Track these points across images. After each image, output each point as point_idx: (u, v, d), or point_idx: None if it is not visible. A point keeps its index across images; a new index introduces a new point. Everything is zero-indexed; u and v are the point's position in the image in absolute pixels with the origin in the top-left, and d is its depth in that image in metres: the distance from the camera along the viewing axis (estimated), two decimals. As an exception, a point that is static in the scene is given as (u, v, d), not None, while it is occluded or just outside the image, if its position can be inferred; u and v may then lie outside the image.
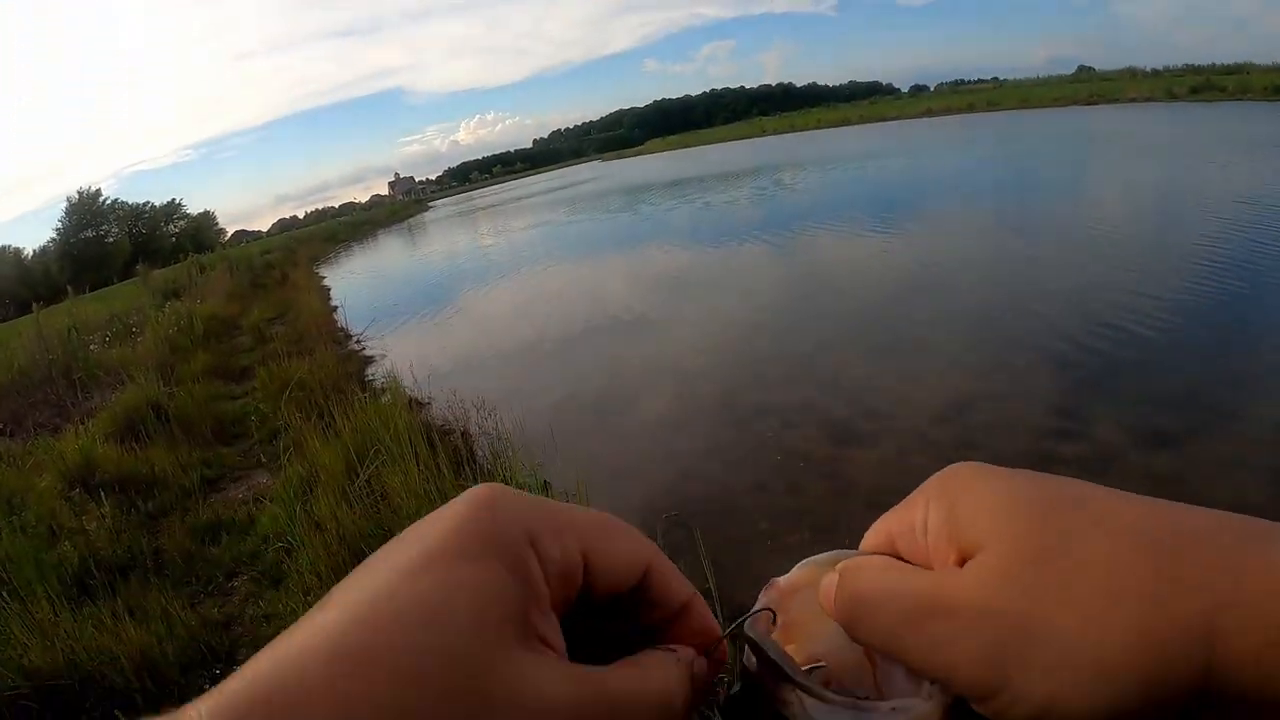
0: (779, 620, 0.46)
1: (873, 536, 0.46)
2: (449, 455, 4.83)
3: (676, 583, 0.43)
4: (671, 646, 0.41)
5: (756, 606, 0.46)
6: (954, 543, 0.40)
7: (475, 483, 2.80)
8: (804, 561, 0.47)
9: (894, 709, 0.40)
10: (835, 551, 0.47)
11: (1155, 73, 70.06)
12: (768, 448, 5.58)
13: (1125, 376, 5.74)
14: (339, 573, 2.90)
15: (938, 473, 0.44)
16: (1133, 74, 74.16)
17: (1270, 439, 4.54)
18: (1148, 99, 45.08)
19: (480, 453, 5.64)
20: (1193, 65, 68.68)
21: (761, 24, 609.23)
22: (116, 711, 3.50)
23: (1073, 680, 0.34)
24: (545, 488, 4.78)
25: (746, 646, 0.44)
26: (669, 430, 6.35)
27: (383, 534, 4.04)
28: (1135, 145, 21.65)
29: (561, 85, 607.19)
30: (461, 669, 0.31)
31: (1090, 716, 0.34)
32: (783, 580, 0.47)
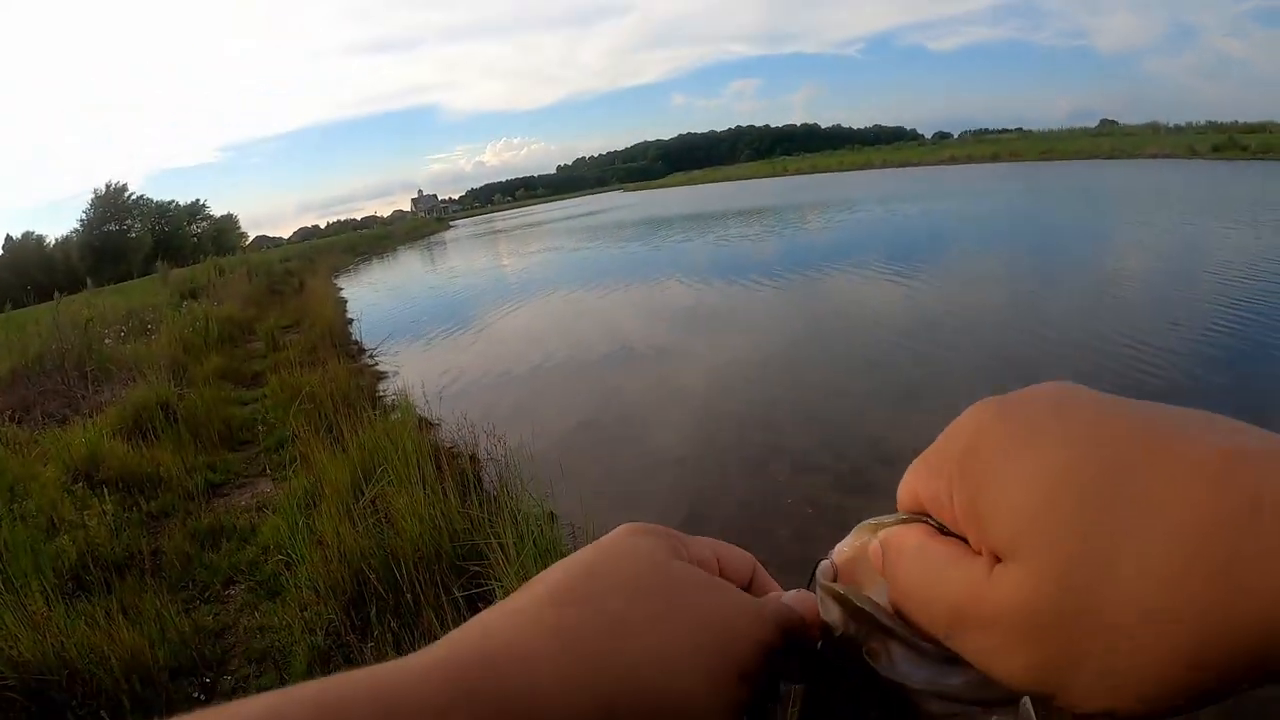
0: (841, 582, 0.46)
1: (905, 493, 0.44)
2: (456, 479, 4.80)
3: (771, 583, 0.53)
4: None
5: (819, 567, 0.47)
6: (984, 537, 0.36)
7: (481, 510, 2.78)
8: (858, 526, 0.47)
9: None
10: (880, 518, 0.46)
11: (1178, 129, 70.26)
12: (776, 491, 5.54)
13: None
14: (337, 591, 2.87)
15: (959, 426, 0.40)
16: (1155, 129, 74.37)
17: None
18: (1169, 155, 45.11)
19: (487, 478, 5.62)
20: (1214, 122, 68.79)
21: (790, 64, 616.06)
22: (102, 712, 3.47)
23: (1134, 694, 0.32)
24: (551, 518, 4.75)
25: (825, 601, 0.45)
26: (677, 467, 6.31)
27: (384, 555, 4.02)
28: (1149, 201, 21.63)
29: (589, 113, 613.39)
30: (651, 564, 0.46)
31: (1154, 715, 0.32)
32: (837, 550, 0.48)
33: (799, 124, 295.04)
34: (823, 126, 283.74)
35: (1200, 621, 0.29)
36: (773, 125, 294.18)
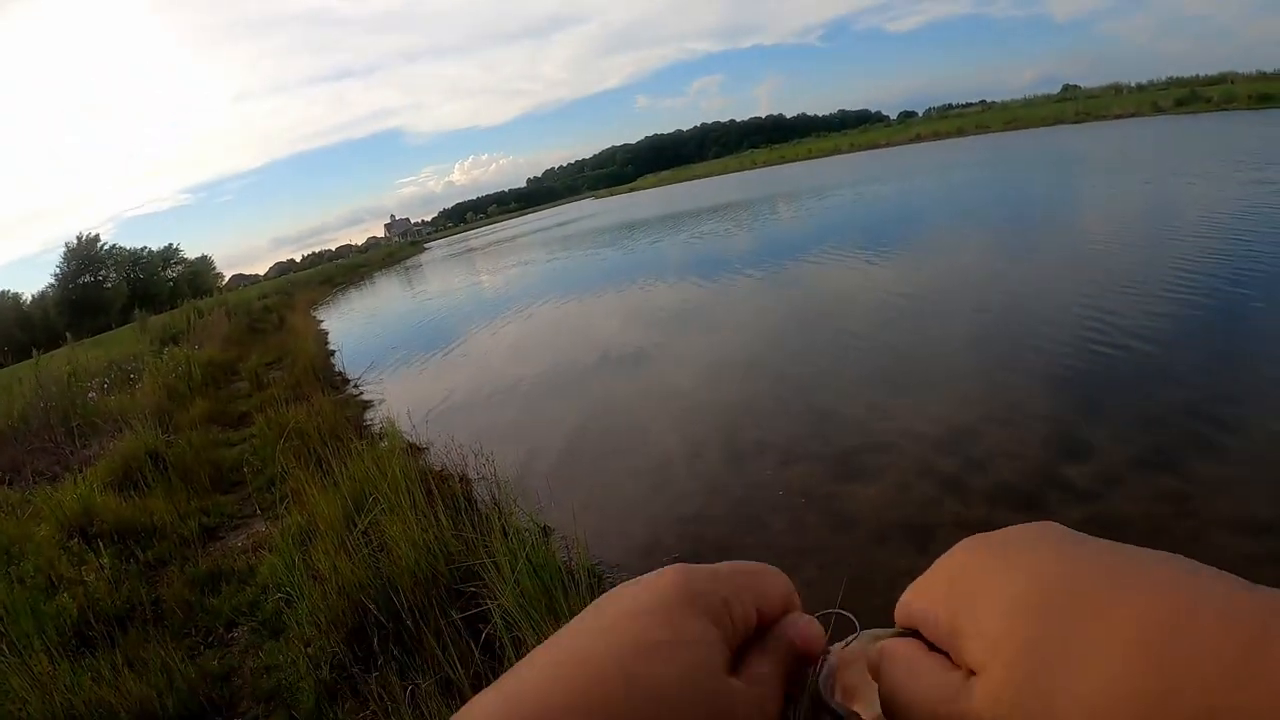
0: (839, 684, 0.53)
1: (901, 612, 0.51)
2: (447, 502, 4.84)
3: (797, 603, 0.54)
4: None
5: (823, 667, 0.53)
6: (961, 653, 0.43)
7: (474, 531, 2.82)
8: (859, 634, 0.54)
9: None
10: (878, 630, 0.53)
11: (1140, 87, 70.42)
12: (767, 485, 5.60)
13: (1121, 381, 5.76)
14: (338, 624, 2.91)
15: (947, 558, 0.48)
16: (1117, 90, 74.54)
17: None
18: (1134, 114, 45.47)
19: (478, 497, 5.65)
20: (1176, 78, 68.97)
21: (751, 57, 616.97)
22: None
23: None
24: (545, 533, 4.79)
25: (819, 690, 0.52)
26: (668, 469, 6.36)
27: (382, 584, 4.05)
28: (1115, 162, 21.74)
29: (554, 124, 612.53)
30: (698, 690, 0.42)
31: None
32: (836, 650, 0.54)
33: (764, 116, 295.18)
34: (788, 116, 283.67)
35: (1139, 714, 0.35)
36: (738, 120, 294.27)
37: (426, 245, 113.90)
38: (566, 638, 0.45)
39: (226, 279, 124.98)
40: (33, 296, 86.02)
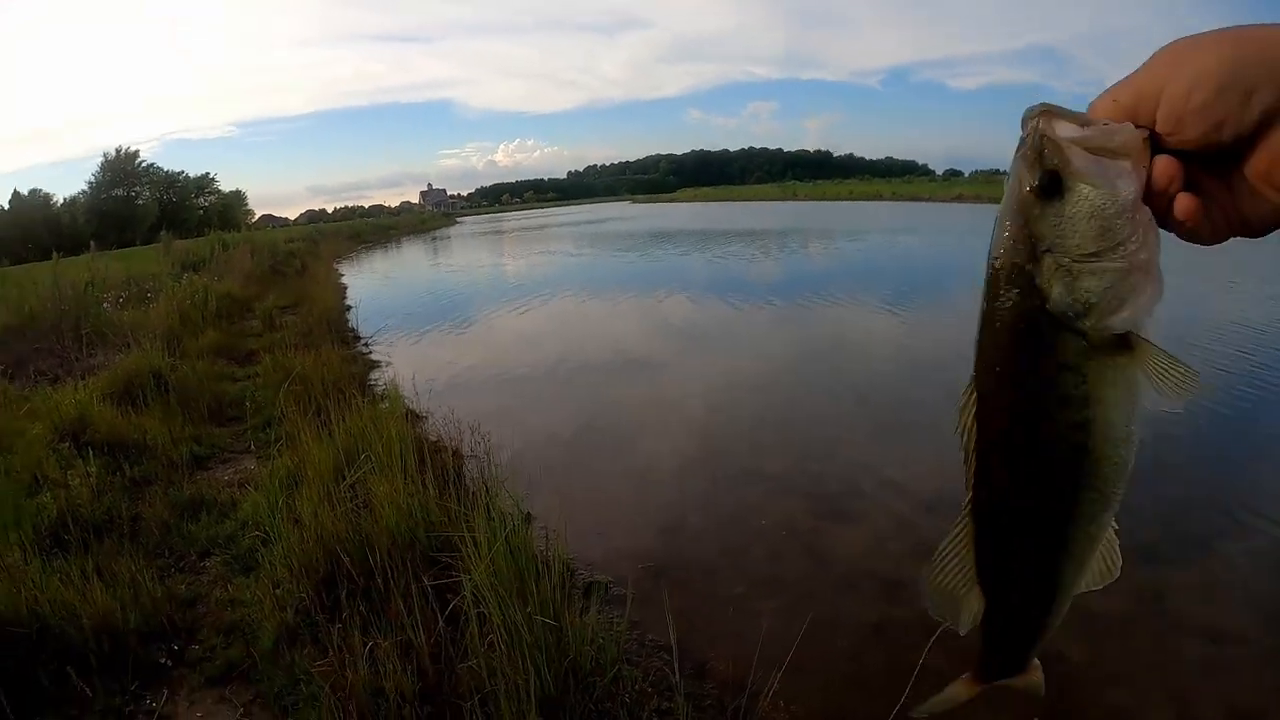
0: None
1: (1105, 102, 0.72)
2: (437, 472, 4.86)
3: None
4: None
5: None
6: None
7: (458, 505, 2.85)
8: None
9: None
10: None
11: None
12: (754, 512, 5.62)
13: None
14: (310, 571, 2.95)
15: (1161, 53, 0.69)
16: None
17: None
18: None
19: (468, 474, 5.68)
20: None
21: (808, 89, 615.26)
22: (69, 668, 3.53)
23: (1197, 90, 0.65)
24: (528, 519, 4.82)
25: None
26: (657, 480, 6.40)
27: (360, 539, 4.08)
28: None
29: (604, 122, 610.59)
30: None
31: (1209, 109, 0.65)
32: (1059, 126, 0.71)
33: (812, 149, 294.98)
34: (835, 154, 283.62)
35: (1230, 61, 0.64)
36: (786, 149, 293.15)
37: (458, 219, 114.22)
38: None
39: (256, 217, 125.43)
40: (64, 200, 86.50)
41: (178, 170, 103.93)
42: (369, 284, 24.77)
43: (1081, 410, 0.74)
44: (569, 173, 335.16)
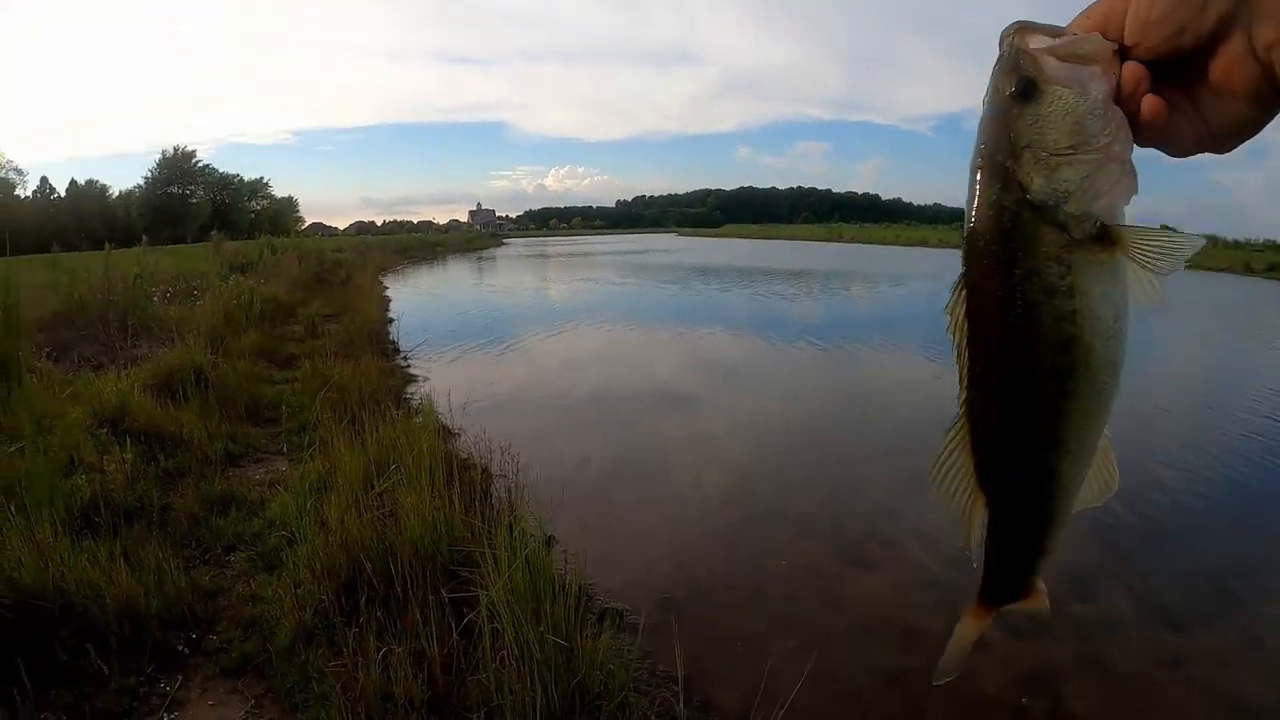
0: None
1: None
2: (464, 489, 4.92)
3: None
4: None
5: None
6: None
7: (483, 521, 2.90)
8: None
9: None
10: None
11: (1236, 244, 68.92)
12: (774, 552, 5.62)
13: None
14: (332, 574, 3.01)
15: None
16: (1214, 241, 73.25)
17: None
18: (1224, 269, 44.45)
19: (495, 493, 5.73)
20: (1273, 241, 67.59)
21: (859, 132, 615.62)
22: (89, 645, 3.60)
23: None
24: (550, 541, 4.86)
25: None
26: (681, 513, 6.42)
27: (384, 548, 4.14)
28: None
29: (656, 153, 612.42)
30: None
31: (1169, 17, 0.71)
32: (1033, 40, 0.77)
33: (860, 192, 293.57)
34: (883, 198, 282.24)
35: None
36: (834, 190, 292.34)
37: (505, 240, 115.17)
38: None
39: (306, 224, 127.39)
40: (119, 193, 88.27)
41: (233, 173, 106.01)
42: (412, 299, 25.05)
43: (1068, 300, 0.78)
44: (618, 201, 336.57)
